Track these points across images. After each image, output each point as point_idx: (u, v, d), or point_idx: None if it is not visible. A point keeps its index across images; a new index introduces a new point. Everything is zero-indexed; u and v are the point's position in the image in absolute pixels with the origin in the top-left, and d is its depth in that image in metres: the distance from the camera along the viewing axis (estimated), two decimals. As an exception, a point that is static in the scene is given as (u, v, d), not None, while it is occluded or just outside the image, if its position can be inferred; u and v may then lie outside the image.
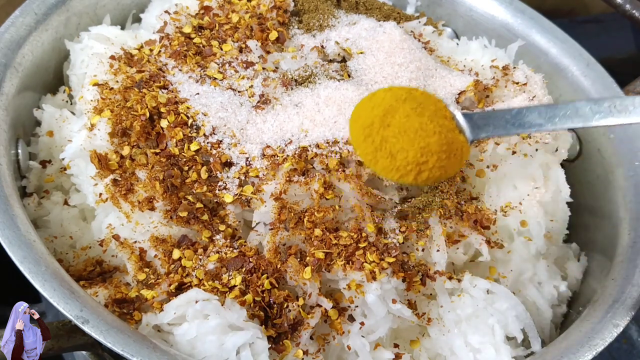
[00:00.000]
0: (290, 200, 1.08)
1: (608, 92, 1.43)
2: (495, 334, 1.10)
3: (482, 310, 1.11)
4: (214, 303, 1.00)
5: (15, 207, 1.02)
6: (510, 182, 1.25)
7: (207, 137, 1.13)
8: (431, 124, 0.92)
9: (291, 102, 1.18)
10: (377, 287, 1.03)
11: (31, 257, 0.94)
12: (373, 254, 1.05)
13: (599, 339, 1.04)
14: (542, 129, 0.96)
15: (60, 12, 1.33)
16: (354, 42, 1.31)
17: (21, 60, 1.23)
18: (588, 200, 1.41)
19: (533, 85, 1.32)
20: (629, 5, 1.56)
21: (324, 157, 1.09)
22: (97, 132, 1.14)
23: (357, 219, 1.09)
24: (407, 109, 0.92)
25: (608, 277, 1.20)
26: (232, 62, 1.25)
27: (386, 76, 1.25)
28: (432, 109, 0.95)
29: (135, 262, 1.07)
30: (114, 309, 1.00)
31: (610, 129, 1.39)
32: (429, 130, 0.91)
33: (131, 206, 1.08)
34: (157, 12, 1.38)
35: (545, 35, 1.53)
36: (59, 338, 0.95)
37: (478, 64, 1.43)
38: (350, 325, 1.06)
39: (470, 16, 1.60)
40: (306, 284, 1.04)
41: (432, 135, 0.91)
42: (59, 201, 1.19)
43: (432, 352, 1.12)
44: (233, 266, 1.05)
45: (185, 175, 1.10)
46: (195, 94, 1.18)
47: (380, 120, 0.92)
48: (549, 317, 1.21)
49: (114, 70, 1.23)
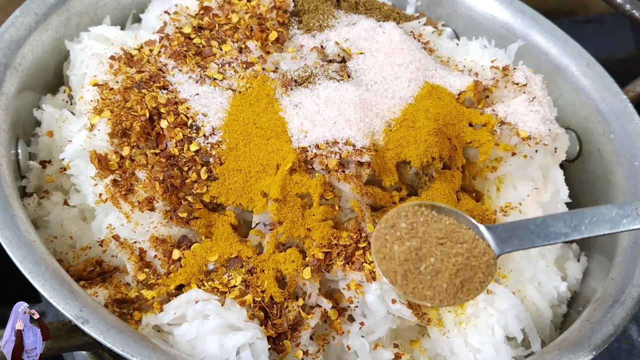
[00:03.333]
0: (290, 200, 1.08)
1: (608, 92, 1.43)
2: (495, 334, 1.10)
3: (482, 310, 1.11)
4: (214, 303, 1.00)
5: (15, 207, 1.02)
6: (510, 182, 1.26)
7: (207, 137, 1.13)
8: (453, 250, 0.92)
9: (291, 103, 1.18)
10: (376, 287, 1.03)
11: (31, 257, 0.94)
12: (373, 254, 1.05)
13: (599, 339, 1.04)
14: (569, 239, 0.94)
15: (60, 12, 1.33)
16: (353, 42, 1.31)
17: (21, 60, 1.23)
18: (588, 200, 1.41)
19: (533, 86, 1.32)
20: (629, 5, 1.56)
21: (323, 157, 1.09)
22: (97, 132, 1.14)
23: (357, 219, 1.09)
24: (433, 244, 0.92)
25: (608, 277, 1.20)
26: (232, 62, 1.25)
27: (386, 77, 1.25)
28: (450, 229, 0.94)
29: (135, 262, 1.07)
30: (114, 309, 1.00)
31: (610, 129, 1.39)
32: (455, 262, 0.91)
33: (131, 206, 1.08)
34: (157, 13, 1.38)
35: (545, 35, 1.53)
36: (59, 338, 0.95)
37: (478, 64, 1.43)
38: (350, 325, 1.06)
39: (470, 16, 1.60)
40: (306, 284, 1.04)
41: (456, 258, 0.92)
42: (59, 201, 1.19)
43: (432, 352, 1.12)
44: (233, 266, 1.05)
45: (185, 175, 1.10)
46: (195, 95, 1.18)
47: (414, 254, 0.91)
48: (549, 317, 1.21)
49: (113, 71, 1.23)
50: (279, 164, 1.10)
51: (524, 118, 1.24)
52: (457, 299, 0.90)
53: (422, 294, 0.89)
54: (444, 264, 0.90)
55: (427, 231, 0.92)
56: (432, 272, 0.90)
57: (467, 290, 0.91)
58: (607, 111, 1.41)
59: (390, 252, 0.91)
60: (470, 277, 0.91)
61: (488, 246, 0.94)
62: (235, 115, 1.16)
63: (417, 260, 0.90)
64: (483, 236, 0.94)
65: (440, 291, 0.89)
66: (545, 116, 1.27)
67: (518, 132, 1.22)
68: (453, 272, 0.90)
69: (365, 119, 1.15)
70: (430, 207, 0.95)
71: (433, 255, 0.90)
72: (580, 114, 1.46)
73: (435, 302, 0.89)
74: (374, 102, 1.18)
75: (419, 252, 0.90)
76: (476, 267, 0.91)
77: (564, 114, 1.47)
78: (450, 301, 0.90)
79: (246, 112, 1.16)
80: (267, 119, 1.15)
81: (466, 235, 0.93)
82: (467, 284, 0.91)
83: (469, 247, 0.92)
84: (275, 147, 1.12)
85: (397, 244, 0.90)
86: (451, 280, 0.90)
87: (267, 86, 1.20)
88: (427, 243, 0.91)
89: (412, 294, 0.90)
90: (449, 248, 0.91)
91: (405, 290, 0.90)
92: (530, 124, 1.24)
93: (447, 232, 0.92)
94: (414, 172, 1.16)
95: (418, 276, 0.90)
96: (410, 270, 0.90)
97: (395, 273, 0.90)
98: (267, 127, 1.14)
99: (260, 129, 1.14)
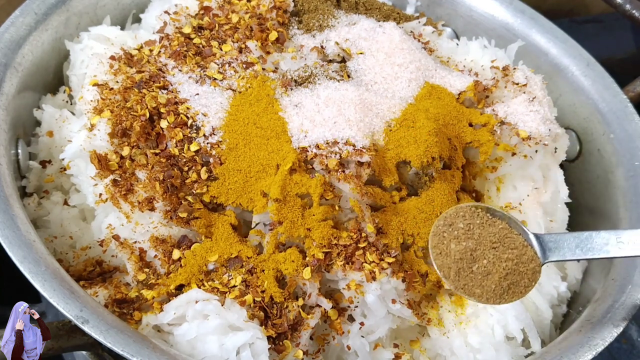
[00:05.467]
0: (290, 200, 1.08)
1: (608, 92, 1.43)
2: (495, 334, 1.10)
3: (482, 310, 1.11)
4: (214, 303, 1.00)
5: (15, 207, 1.02)
6: (510, 182, 1.26)
7: (207, 137, 1.13)
8: (504, 254, 0.98)
9: (291, 103, 1.18)
10: (376, 287, 1.03)
11: (31, 257, 0.94)
12: (373, 254, 1.05)
13: (599, 339, 1.04)
14: (610, 255, 0.98)
15: (60, 12, 1.33)
16: (353, 42, 1.31)
17: (21, 60, 1.23)
18: (588, 200, 1.41)
19: (533, 86, 1.32)
20: (629, 5, 1.56)
21: (323, 157, 1.09)
22: (97, 132, 1.14)
23: (357, 219, 1.09)
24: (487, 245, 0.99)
25: (608, 277, 1.20)
26: (232, 62, 1.25)
27: (386, 77, 1.25)
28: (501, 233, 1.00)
29: (135, 262, 1.07)
30: (114, 309, 1.00)
31: (610, 129, 1.39)
32: (505, 265, 0.98)
33: (131, 206, 1.08)
34: (157, 13, 1.38)
35: (545, 35, 1.53)
36: (59, 338, 0.95)
37: (478, 64, 1.43)
38: (350, 325, 1.06)
39: (470, 16, 1.60)
40: (306, 284, 1.04)
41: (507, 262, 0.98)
42: (59, 201, 1.19)
43: (432, 352, 1.12)
44: (233, 266, 1.05)
45: (185, 175, 1.10)
46: (195, 95, 1.18)
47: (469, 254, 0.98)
48: (549, 317, 1.21)
49: (113, 71, 1.23)
50: (279, 164, 1.10)
51: (524, 118, 1.25)
52: (502, 299, 0.98)
53: (471, 290, 0.97)
54: (495, 267, 0.97)
55: (482, 234, 0.98)
56: (483, 273, 0.97)
57: (512, 293, 0.98)
58: (607, 111, 1.41)
59: (447, 249, 0.98)
60: (517, 281, 0.98)
61: (535, 254, 0.99)
62: (235, 115, 1.16)
63: (471, 261, 0.97)
64: (531, 243, 1.00)
65: (488, 291, 0.97)
66: (545, 116, 1.27)
67: (518, 132, 1.23)
68: (502, 276, 0.97)
69: (365, 119, 1.15)
70: (485, 210, 1.01)
71: (486, 258, 0.97)
72: (580, 114, 1.46)
73: (482, 300, 0.97)
74: (374, 102, 1.18)
75: (474, 253, 0.97)
76: (523, 272, 0.98)
77: (564, 114, 1.47)
78: (495, 300, 0.97)
79: (246, 112, 1.16)
80: (267, 119, 1.15)
81: (517, 241, 0.99)
82: (513, 287, 0.98)
83: (518, 253, 0.98)
84: (275, 147, 1.12)
85: (454, 242, 0.98)
86: (499, 283, 0.97)
87: (267, 86, 1.20)
88: (481, 245, 0.98)
89: (462, 289, 0.97)
90: (500, 252, 0.97)
91: (456, 286, 0.97)
92: (530, 124, 1.24)
93: (500, 236, 0.99)
94: (414, 172, 1.16)
95: (470, 275, 0.97)
96: (463, 268, 0.97)
97: (449, 269, 0.97)
98: (267, 127, 1.14)
99: (260, 129, 1.14)
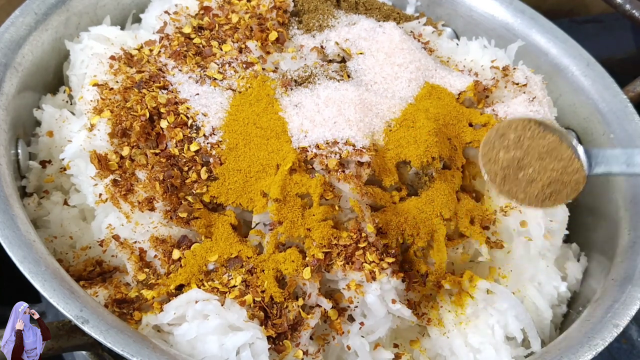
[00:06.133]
0: (290, 200, 1.08)
1: (608, 92, 1.43)
2: (495, 334, 1.10)
3: (482, 310, 1.11)
4: (214, 303, 1.00)
5: (15, 207, 1.02)
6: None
7: (207, 137, 1.13)
8: (551, 164, 1.05)
9: (291, 103, 1.18)
10: (376, 287, 1.03)
11: (31, 257, 0.94)
12: (373, 254, 1.05)
13: (599, 339, 1.04)
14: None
15: (60, 12, 1.33)
16: (353, 42, 1.31)
17: (21, 60, 1.23)
18: (588, 200, 1.41)
19: (533, 86, 1.32)
20: (629, 5, 1.56)
21: (323, 157, 1.09)
22: (97, 132, 1.14)
23: (357, 219, 1.09)
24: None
25: (608, 277, 1.20)
26: (232, 62, 1.25)
27: (386, 77, 1.25)
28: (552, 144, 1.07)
29: (135, 262, 1.07)
30: (114, 309, 1.00)
31: (610, 129, 1.39)
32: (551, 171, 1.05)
33: (131, 206, 1.08)
34: (157, 13, 1.38)
35: (545, 35, 1.53)
36: (59, 338, 0.95)
37: (478, 64, 1.43)
38: (350, 325, 1.06)
39: (470, 16, 1.60)
40: (306, 284, 1.04)
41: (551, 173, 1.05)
42: (59, 201, 1.19)
43: (432, 352, 1.12)
44: (233, 266, 1.05)
45: (185, 175, 1.10)
46: (195, 95, 1.18)
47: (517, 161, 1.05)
48: (549, 317, 1.21)
49: (113, 71, 1.23)
50: (279, 164, 1.10)
51: (524, 118, 1.24)
52: (544, 204, 1.06)
53: (514, 194, 1.05)
54: (540, 175, 1.04)
55: (532, 145, 1.05)
56: (527, 180, 1.04)
57: (554, 200, 1.06)
58: (607, 111, 1.41)
59: (495, 157, 1.05)
60: (559, 190, 1.05)
61: (581, 166, 1.06)
62: (235, 115, 1.16)
63: (518, 169, 1.04)
64: (579, 156, 1.06)
65: (531, 196, 1.05)
66: (545, 116, 1.27)
67: (518, 132, 1.22)
68: (545, 184, 1.04)
69: (365, 119, 1.15)
70: (538, 124, 1.06)
71: (532, 167, 1.04)
72: (580, 114, 1.46)
73: (525, 203, 1.05)
74: (374, 102, 1.18)
75: (521, 162, 1.04)
76: (567, 182, 1.05)
77: (564, 114, 1.47)
78: (537, 205, 1.06)
79: (246, 112, 1.16)
80: (267, 119, 1.15)
81: (565, 154, 1.06)
82: (555, 195, 1.05)
83: (564, 164, 1.05)
84: (275, 147, 1.12)
85: (503, 151, 1.05)
86: (542, 190, 1.04)
87: (267, 86, 1.20)
88: (529, 156, 1.04)
89: (506, 193, 1.05)
90: (547, 163, 1.05)
91: (501, 189, 1.05)
92: (530, 124, 1.24)
93: (549, 149, 1.05)
94: (414, 172, 1.16)
95: (515, 181, 1.05)
96: (509, 175, 1.04)
97: (496, 175, 1.05)
98: (267, 127, 1.14)
99: (260, 129, 1.14)
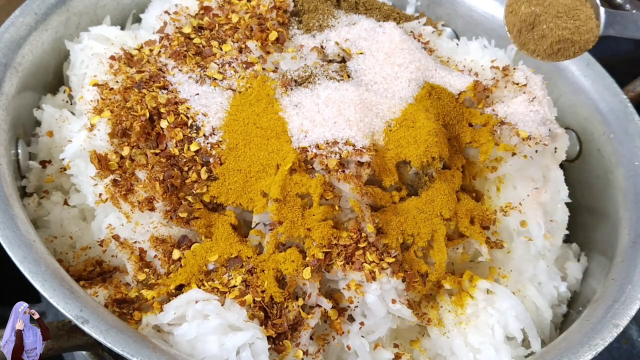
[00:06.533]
0: (290, 200, 1.08)
1: (608, 92, 1.43)
2: (495, 334, 1.10)
3: (482, 310, 1.11)
4: (214, 303, 1.00)
5: (15, 207, 1.02)
6: (510, 182, 1.26)
7: (207, 137, 1.13)
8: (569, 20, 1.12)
9: (291, 103, 1.18)
10: (376, 287, 1.03)
11: (31, 257, 0.94)
12: (373, 254, 1.05)
13: (599, 339, 1.04)
14: None
15: (60, 12, 1.33)
16: (353, 42, 1.31)
17: (21, 60, 1.23)
18: (588, 200, 1.41)
19: (533, 86, 1.32)
20: (629, 5, 1.56)
21: (323, 157, 1.09)
22: (97, 132, 1.14)
23: (357, 219, 1.09)
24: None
25: (608, 277, 1.20)
26: (232, 62, 1.25)
27: (386, 76, 1.25)
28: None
29: (135, 262, 1.07)
30: (114, 309, 1.00)
31: (610, 129, 1.39)
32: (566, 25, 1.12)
33: (131, 206, 1.08)
34: (157, 13, 1.37)
35: (545, 35, 1.52)
36: (59, 338, 0.95)
37: (478, 64, 1.43)
38: (350, 325, 1.06)
39: (470, 16, 1.60)
40: (306, 284, 1.04)
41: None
42: (59, 201, 1.19)
43: (432, 352, 1.12)
44: (233, 266, 1.05)
45: (185, 175, 1.10)
46: (195, 95, 1.18)
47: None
48: (549, 317, 1.21)
49: (113, 71, 1.23)
50: (279, 164, 1.10)
51: (524, 118, 1.24)
52: (551, 57, 1.14)
53: (527, 47, 1.14)
54: (552, 32, 1.11)
55: (552, 3, 1.11)
56: (540, 35, 1.12)
57: (561, 55, 1.14)
58: (607, 111, 1.41)
59: (517, 9, 1.12)
60: (567, 47, 1.12)
61: (596, 26, 1.11)
62: (235, 115, 1.16)
63: (533, 24, 1.11)
64: (599, 17, 1.11)
65: (540, 50, 1.13)
66: (545, 116, 1.27)
67: (518, 132, 1.22)
68: (555, 41, 1.11)
69: (365, 119, 1.15)
70: None
71: (546, 24, 1.11)
72: (580, 114, 1.46)
73: (534, 55, 1.14)
74: (374, 102, 1.18)
75: (538, 18, 1.11)
76: (576, 41, 1.12)
77: (564, 114, 1.47)
78: (545, 58, 1.14)
79: (246, 112, 1.16)
80: (267, 119, 1.15)
81: (583, 14, 1.12)
82: (563, 51, 1.13)
83: (579, 24, 1.11)
84: (275, 147, 1.12)
85: (525, 5, 1.12)
86: (551, 46, 1.12)
87: (267, 86, 1.20)
88: (547, 13, 1.11)
89: (519, 44, 1.14)
90: (562, 22, 1.11)
91: (516, 40, 1.14)
92: (530, 124, 1.24)
93: (569, 8, 1.11)
94: (414, 172, 1.16)
95: (528, 35, 1.13)
96: (525, 28, 1.12)
97: (513, 26, 1.13)
98: (267, 127, 1.14)
99: (260, 129, 1.14)
